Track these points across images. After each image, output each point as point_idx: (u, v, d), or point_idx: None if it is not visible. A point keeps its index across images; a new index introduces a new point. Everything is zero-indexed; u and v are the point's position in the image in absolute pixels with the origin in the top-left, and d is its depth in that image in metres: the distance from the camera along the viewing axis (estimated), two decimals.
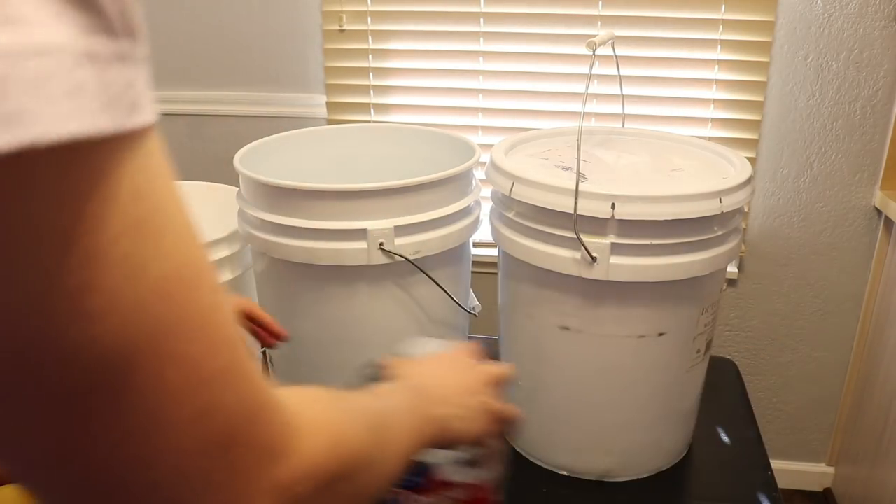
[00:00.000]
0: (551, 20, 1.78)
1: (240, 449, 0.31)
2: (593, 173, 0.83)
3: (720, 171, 0.84)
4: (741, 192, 0.78)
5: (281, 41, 1.92)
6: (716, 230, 0.77)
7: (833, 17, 1.67)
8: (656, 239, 0.75)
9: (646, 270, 0.76)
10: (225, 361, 0.29)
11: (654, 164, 0.86)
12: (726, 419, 1.00)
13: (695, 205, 0.74)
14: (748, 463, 0.92)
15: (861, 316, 1.87)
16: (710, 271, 0.78)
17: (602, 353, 0.82)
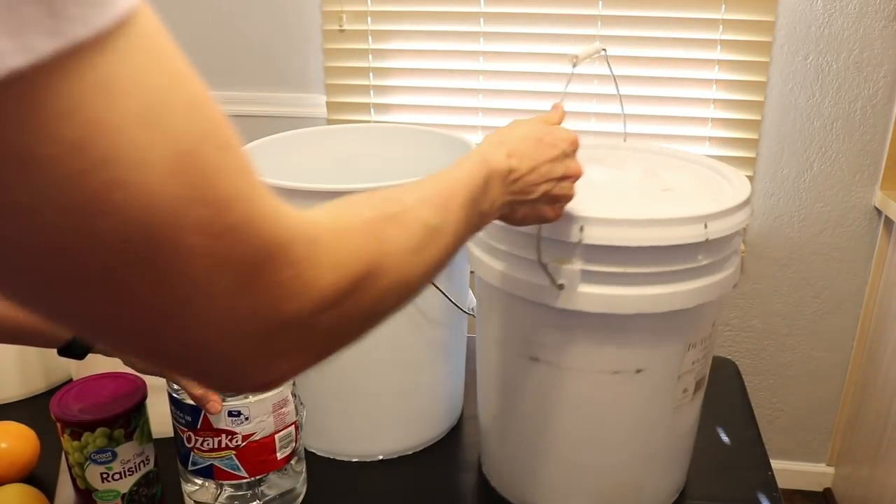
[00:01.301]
0: (551, 20, 1.78)
1: (264, 281, 0.32)
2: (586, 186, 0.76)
3: (716, 191, 0.76)
4: (732, 218, 0.69)
5: (281, 41, 1.92)
6: (700, 259, 0.68)
7: (833, 17, 1.67)
8: (630, 267, 0.67)
9: (618, 301, 0.68)
10: (239, 216, 0.30)
11: (645, 183, 0.79)
12: (726, 419, 1.00)
13: (674, 230, 0.66)
14: (748, 463, 0.92)
15: (861, 316, 1.87)
16: (694, 304, 0.70)
17: (574, 387, 0.75)
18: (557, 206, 0.63)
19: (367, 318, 0.41)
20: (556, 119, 0.66)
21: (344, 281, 0.37)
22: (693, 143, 1.81)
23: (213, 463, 0.74)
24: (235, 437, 0.73)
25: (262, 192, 0.32)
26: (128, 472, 0.74)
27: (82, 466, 0.72)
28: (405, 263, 0.43)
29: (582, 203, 0.68)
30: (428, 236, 0.46)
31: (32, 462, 0.84)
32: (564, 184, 0.62)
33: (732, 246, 0.74)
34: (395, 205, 0.45)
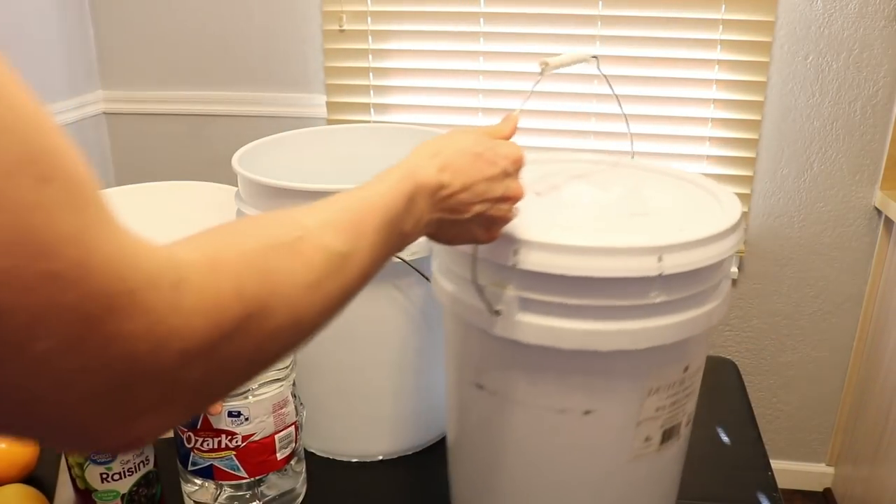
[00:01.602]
0: (551, 20, 1.78)
1: (106, 334, 0.28)
2: (534, 210, 0.68)
3: (700, 218, 0.68)
4: (700, 250, 0.60)
5: (281, 41, 1.92)
6: (654, 296, 0.60)
7: (833, 17, 1.67)
8: (570, 298, 0.60)
9: (558, 334, 0.61)
10: (65, 262, 0.25)
11: (621, 205, 0.73)
12: (726, 419, 1.00)
13: (620, 261, 0.58)
14: (748, 463, 0.92)
15: (861, 316, 1.87)
16: (646, 346, 0.61)
17: (518, 422, 0.68)
18: (493, 228, 0.58)
19: (249, 365, 0.36)
20: (505, 132, 0.60)
21: (216, 327, 0.32)
22: (693, 143, 1.81)
23: (212, 463, 0.74)
24: (235, 438, 0.73)
25: (102, 231, 0.27)
26: (127, 473, 0.74)
27: (82, 467, 0.72)
28: (300, 300, 0.38)
29: (526, 224, 0.61)
30: (333, 265, 0.41)
31: (32, 462, 0.84)
32: (503, 205, 0.57)
33: (707, 281, 0.63)
34: (290, 230, 0.40)
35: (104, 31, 2.00)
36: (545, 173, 0.79)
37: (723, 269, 0.66)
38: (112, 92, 2.05)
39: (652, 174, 0.80)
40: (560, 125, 1.86)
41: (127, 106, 2.05)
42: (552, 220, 0.67)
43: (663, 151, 1.83)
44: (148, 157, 2.09)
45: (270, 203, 0.81)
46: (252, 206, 0.84)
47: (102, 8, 1.98)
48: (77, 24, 1.96)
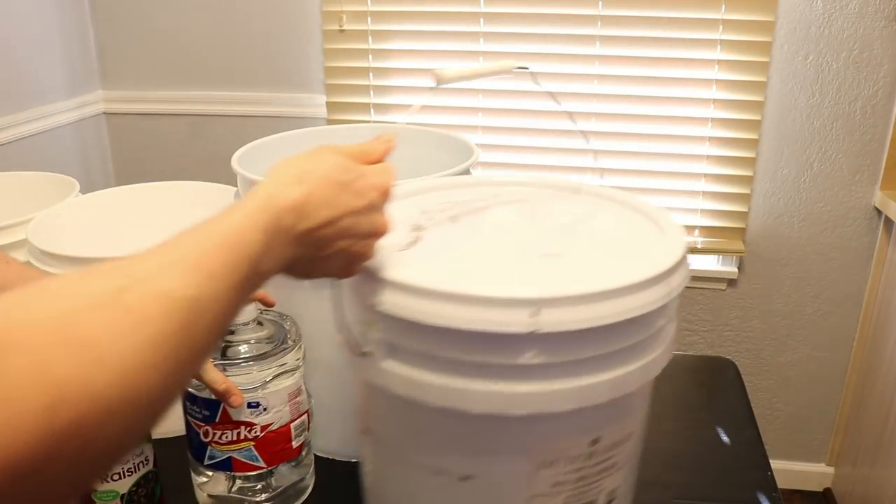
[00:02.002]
0: (551, 20, 1.78)
1: None
2: (432, 242, 0.61)
3: (627, 263, 0.59)
4: (594, 307, 0.50)
5: (281, 41, 1.92)
6: (529, 356, 0.51)
7: (833, 17, 1.67)
8: (435, 349, 0.52)
9: (424, 388, 0.53)
10: None
11: (542, 240, 0.64)
12: (726, 419, 1.00)
13: (486, 312, 0.49)
14: (748, 463, 0.92)
15: (861, 316, 1.87)
16: (525, 413, 0.52)
17: (399, 476, 0.62)
18: (352, 266, 0.52)
19: (75, 477, 0.27)
20: (376, 155, 0.53)
21: (12, 431, 0.24)
22: (693, 143, 1.81)
23: (231, 455, 0.74)
24: (254, 428, 0.73)
25: None
26: (127, 473, 0.74)
27: None
28: (134, 368, 0.30)
29: (405, 258, 0.55)
30: (179, 315, 0.34)
31: None
32: (367, 242, 0.51)
33: (616, 341, 0.53)
34: (111, 280, 0.33)
35: (104, 31, 2.00)
36: (479, 196, 0.72)
37: (649, 324, 0.54)
38: (112, 92, 2.05)
39: (603, 203, 0.71)
40: (560, 125, 1.86)
41: (127, 106, 2.05)
42: (442, 255, 0.59)
43: (663, 152, 1.83)
44: (148, 157, 2.09)
45: None
46: None
47: (102, 8, 1.98)
48: (77, 24, 1.96)
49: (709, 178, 1.83)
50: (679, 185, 1.85)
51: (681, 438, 0.96)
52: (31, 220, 0.93)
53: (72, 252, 0.83)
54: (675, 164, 1.83)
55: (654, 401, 0.64)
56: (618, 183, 1.87)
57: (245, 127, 1.99)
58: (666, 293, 0.54)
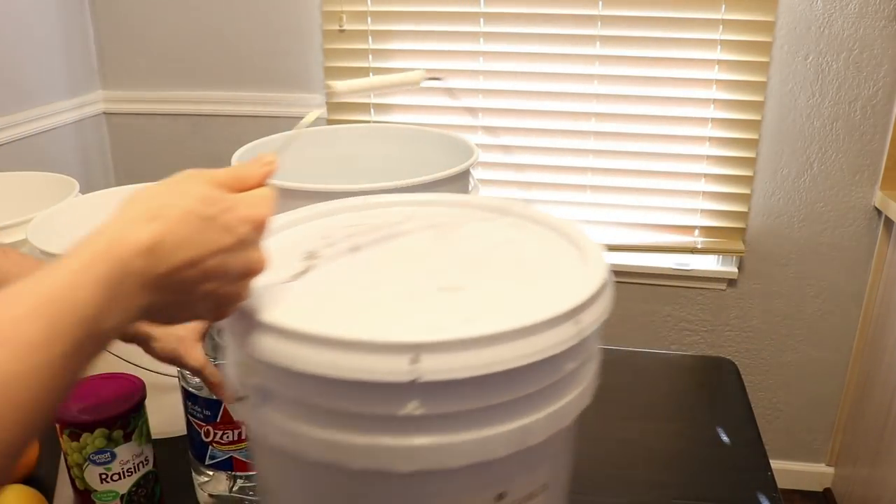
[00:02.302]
0: (551, 20, 1.78)
1: None
2: (322, 275, 0.55)
3: (538, 296, 0.52)
4: (489, 352, 0.44)
5: (281, 41, 1.92)
6: (411, 407, 0.45)
7: (833, 17, 1.67)
8: (309, 397, 0.47)
9: (299, 440, 0.48)
10: None
11: (448, 270, 0.57)
12: (726, 419, 1.00)
13: (358, 359, 0.44)
14: (748, 463, 0.92)
15: (861, 316, 1.87)
16: (409, 469, 0.46)
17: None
18: (223, 309, 0.46)
19: None
20: (253, 180, 0.47)
21: None
22: (693, 143, 1.81)
23: (232, 455, 0.75)
24: None
25: None
26: (127, 473, 0.74)
27: (81, 467, 0.72)
28: None
29: (284, 295, 0.50)
30: None
31: (31, 463, 0.84)
32: (239, 282, 0.45)
33: (515, 389, 0.46)
34: None
35: (104, 31, 2.00)
36: (392, 219, 0.66)
37: (555, 368, 0.48)
38: (112, 92, 2.05)
39: (529, 226, 0.65)
40: (560, 125, 1.86)
41: (127, 106, 2.05)
42: (328, 290, 0.53)
43: (663, 152, 1.83)
44: (148, 157, 2.09)
45: None
46: None
47: (102, 8, 1.98)
48: (77, 24, 1.96)
49: (709, 178, 1.83)
50: (679, 186, 1.85)
51: (681, 438, 0.96)
52: (31, 220, 0.93)
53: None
54: (675, 165, 1.83)
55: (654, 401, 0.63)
56: (618, 183, 1.87)
57: (245, 127, 1.99)
58: (574, 333, 0.47)
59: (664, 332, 1.98)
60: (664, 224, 1.88)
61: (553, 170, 1.89)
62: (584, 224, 1.92)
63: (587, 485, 0.88)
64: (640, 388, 1.05)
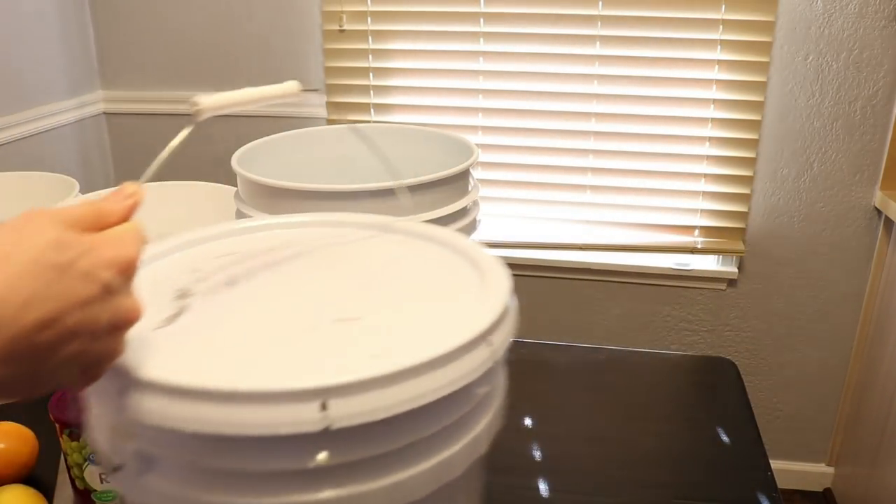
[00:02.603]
0: (551, 20, 1.78)
1: None
2: (197, 320, 0.49)
3: (441, 320, 0.49)
4: (410, 385, 0.40)
5: (281, 41, 1.92)
6: (321, 459, 0.40)
7: (833, 17, 1.67)
8: (199, 458, 0.41)
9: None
10: None
11: (338, 302, 0.52)
12: (726, 419, 1.00)
13: (264, 411, 0.39)
14: (748, 463, 0.92)
15: (861, 316, 1.87)
16: None
17: None
18: (94, 369, 0.39)
19: None
20: (116, 216, 0.40)
21: None
22: (693, 143, 1.81)
23: None
24: None
25: None
26: None
27: (81, 467, 0.72)
28: None
29: (149, 345, 0.43)
30: None
31: (31, 463, 0.84)
32: (110, 337, 0.38)
33: (432, 423, 0.43)
34: None
35: (104, 31, 2.00)
36: (268, 244, 0.61)
37: (469, 396, 0.45)
38: (112, 92, 2.05)
39: (417, 244, 0.61)
40: (560, 125, 1.86)
41: (127, 106, 2.05)
42: (209, 333, 0.47)
43: (663, 152, 1.83)
44: (148, 157, 2.07)
45: (269, 203, 0.81)
46: (251, 206, 0.84)
47: (102, 8, 1.98)
48: (77, 24, 1.96)
49: (709, 178, 1.83)
50: (679, 186, 1.85)
51: (681, 438, 0.96)
52: None
53: None
54: (675, 165, 1.83)
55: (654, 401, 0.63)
56: (618, 183, 1.87)
57: (245, 127, 1.99)
58: (488, 356, 0.44)
59: (664, 332, 1.98)
60: (664, 224, 1.88)
61: (553, 170, 1.89)
62: (585, 224, 1.92)
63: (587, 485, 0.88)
64: (640, 388, 1.05)
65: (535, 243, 1.92)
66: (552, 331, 2.00)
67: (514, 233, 1.93)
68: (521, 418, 0.97)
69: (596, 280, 1.95)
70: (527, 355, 1.12)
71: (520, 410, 0.99)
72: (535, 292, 1.97)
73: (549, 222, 1.93)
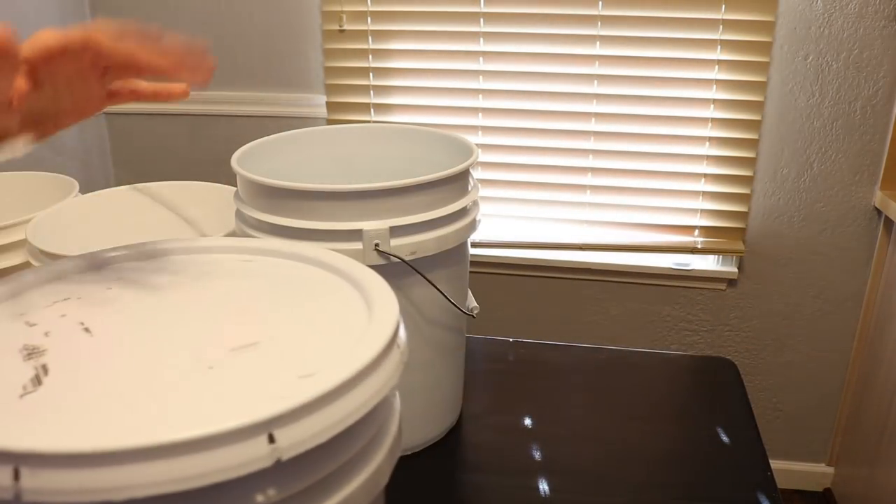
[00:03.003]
0: (551, 20, 1.78)
1: None
2: (66, 381, 0.42)
3: (336, 340, 0.48)
4: (345, 401, 0.40)
5: (281, 41, 1.92)
6: (271, 495, 0.38)
7: (833, 17, 1.67)
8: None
9: None
10: None
11: (227, 331, 0.48)
12: (726, 419, 1.00)
13: (212, 457, 0.35)
14: (748, 463, 0.92)
15: (861, 316, 1.87)
16: None
17: None
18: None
19: None
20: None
21: None
22: (693, 143, 1.81)
23: None
24: None
25: None
26: None
27: None
28: None
29: (24, 418, 0.38)
30: None
31: None
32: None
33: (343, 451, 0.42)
34: None
35: None
36: (105, 282, 0.56)
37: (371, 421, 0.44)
38: None
39: (289, 264, 0.60)
40: (560, 126, 1.86)
41: (127, 106, 2.05)
42: (101, 391, 0.41)
43: (663, 152, 1.83)
44: (148, 157, 2.09)
45: (270, 203, 0.81)
46: (251, 207, 0.84)
47: (102, 8, 1.98)
48: (77, 24, 1.96)
49: (709, 178, 1.83)
50: (679, 186, 1.85)
51: (681, 438, 0.96)
52: (31, 220, 0.93)
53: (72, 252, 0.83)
54: (675, 165, 1.83)
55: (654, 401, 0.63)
56: (618, 183, 1.87)
57: (245, 127, 2.00)
58: (399, 358, 0.45)
59: (664, 332, 1.98)
60: (664, 224, 1.88)
61: (553, 170, 1.89)
62: (584, 224, 1.92)
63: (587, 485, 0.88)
64: (640, 388, 1.05)
65: (534, 243, 1.92)
66: (552, 331, 2.00)
67: (514, 233, 1.93)
68: (521, 418, 0.97)
69: (596, 280, 1.95)
70: (527, 355, 1.12)
71: (520, 410, 0.99)
72: (535, 292, 1.98)
73: (548, 222, 1.93)
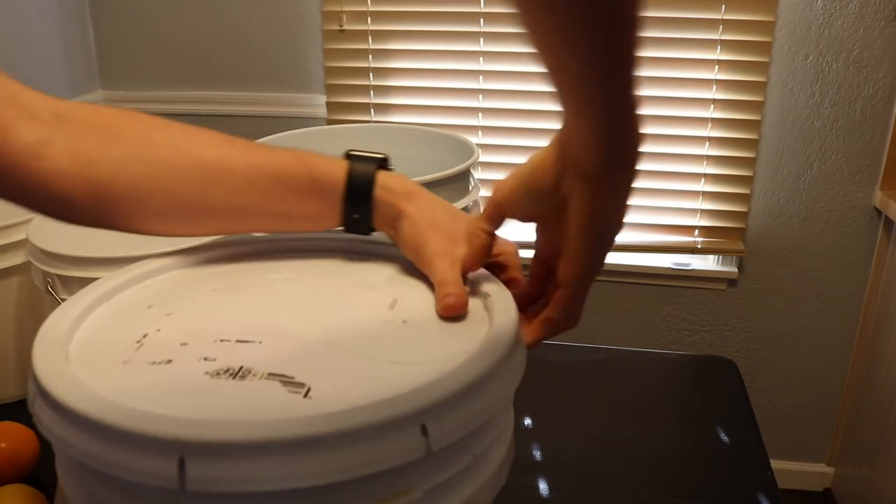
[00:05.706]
0: None
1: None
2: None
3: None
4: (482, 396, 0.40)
5: (281, 41, 1.92)
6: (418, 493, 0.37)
7: (833, 17, 1.67)
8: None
9: None
10: None
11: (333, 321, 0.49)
12: (726, 419, 1.00)
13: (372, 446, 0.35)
14: (748, 463, 0.92)
15: (861, 316, 1.87)
16: None
17: None
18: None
19: None
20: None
21: None
22: (693, 143, 1.81)
23: None
24: None
25: None
26: None
27: None
28: None
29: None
30: None
31: (31, 463, 0.84)
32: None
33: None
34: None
35: (104, 31, 2.00)
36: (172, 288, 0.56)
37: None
38: (112, 92, 2.05)
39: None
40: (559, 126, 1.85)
41: (127, 106, 2.05)
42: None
43: (663, 152, 1.83)
44: None
45: None
46: None
47: (102, 8, 1.98)
48: (77, 24, 1.96)
49: (709, 178, 1.83)
50: (679, 186, 1.85)
51: (681, 438, 0.96)
52: (31, 220, 0.93)
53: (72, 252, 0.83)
54: (675, 165, 1.83)
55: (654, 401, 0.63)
56: None
57: (245, 127, 1.99)
58: (516, 373, 0.46)
59: (664, 332, 1.98)
60: (664, 224, 1.88)
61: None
62: None
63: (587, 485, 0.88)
64: (640, 388, 1.05)
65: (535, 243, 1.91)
66: None
67: (514, 233, 1.93)
68: (521, 418, 0.97)
69: (596, 280, 1.95)
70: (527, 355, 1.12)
71: (520, 410, 0.99)
72: None
73: None
